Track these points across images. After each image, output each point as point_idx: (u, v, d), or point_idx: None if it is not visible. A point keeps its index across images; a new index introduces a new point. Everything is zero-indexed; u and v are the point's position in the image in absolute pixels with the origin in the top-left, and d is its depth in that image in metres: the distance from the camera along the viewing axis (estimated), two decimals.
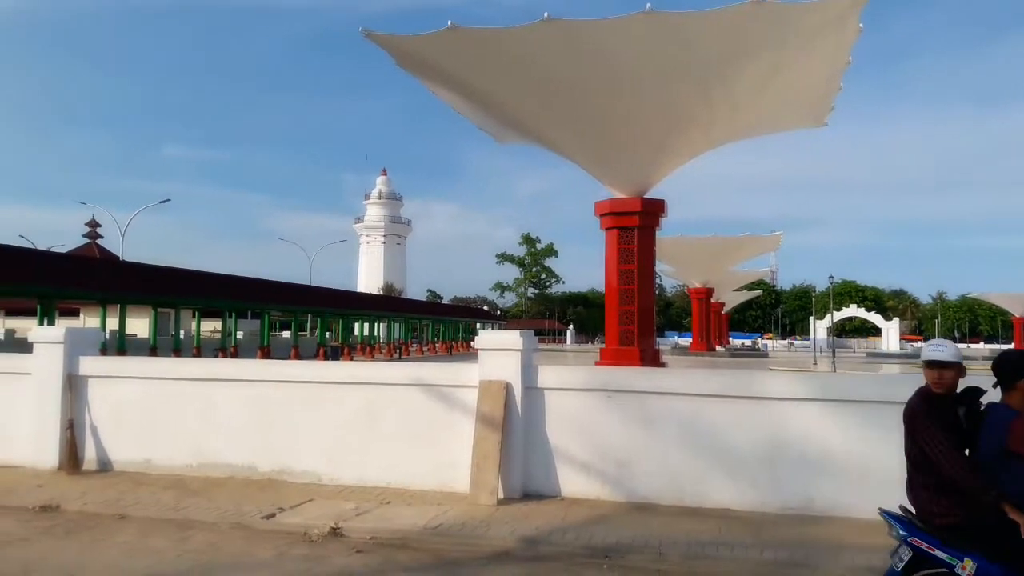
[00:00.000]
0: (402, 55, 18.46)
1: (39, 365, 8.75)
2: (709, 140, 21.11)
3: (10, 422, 8.80)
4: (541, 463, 7.37)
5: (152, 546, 5.89)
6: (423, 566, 5.49)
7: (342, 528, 6.22)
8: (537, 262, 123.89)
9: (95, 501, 7.14)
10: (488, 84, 19.08)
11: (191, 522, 6.53)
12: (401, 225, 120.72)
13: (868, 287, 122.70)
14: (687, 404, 7.09)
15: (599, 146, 20.29)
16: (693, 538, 5.97)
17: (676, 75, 17.36)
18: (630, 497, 7.07)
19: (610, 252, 20.66)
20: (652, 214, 20.73)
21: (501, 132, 23.16)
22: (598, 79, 17.62)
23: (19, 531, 6.30)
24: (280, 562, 5.53)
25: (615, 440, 7.19)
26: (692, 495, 6.96)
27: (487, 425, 7.25)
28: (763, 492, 6.85)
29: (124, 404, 8.62)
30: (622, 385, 7.31)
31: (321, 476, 7.89)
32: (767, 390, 7.03)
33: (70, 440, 8.49)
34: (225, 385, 8.39)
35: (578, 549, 5.76)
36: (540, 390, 7.45)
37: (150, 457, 8.42)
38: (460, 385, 7.67)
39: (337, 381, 8.12)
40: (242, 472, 8.10)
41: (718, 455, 6.96)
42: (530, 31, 16.03)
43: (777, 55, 16.72)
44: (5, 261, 25.32)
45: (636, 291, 20.20)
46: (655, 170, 20.90)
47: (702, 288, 59.20)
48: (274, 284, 42.05)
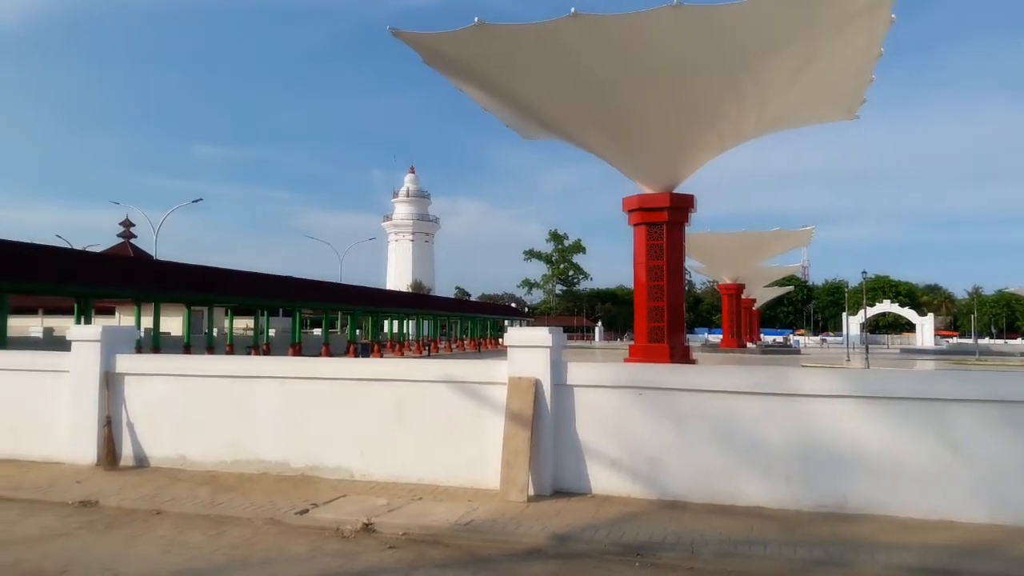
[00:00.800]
0: (429, 53, 18.53)
1: (77, 363, 8.92)
2: (739, 134, 20.92)
3: (50, 419, 8.97)
4: (571, 460, 7.36)
5: (188, 541, 5.98)
6: (455, 562, 5.52)
7: (374, 524, 6.27)
8: (565, 259, 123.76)
9: (132, 497, 7.26)
10: (515, 80, 19.07)
11: (226, 518, 6.61)
12: (429, 223, 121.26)
13: (902, 282, 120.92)
14: (719, 401, 7.04)
15: (627, 141, 20.20)
16: (725, 536, 5.93)
17: (705, 68, 17.22)
18: (661, 495, 7.04)
19: (639, 248, 20.56)
20: (681, 209, 20.60)
21: (527, 128, 23.15)
22: (626, 73, 17.54)
23: (59, 526, 6.43)
24: (314, 558, 5.59)
25: (646, 437, 7.16)
26: (724, 493, 6.91)
27: (517, 422, 7.25)
28: (796, 490, 6.77)
29: (159, 401, 8.76)
30: (653, 382, 7.27)
31: (353, 472, 7.95)
32: (800, 387, 6.95)
33: (107, 437, 8.64)
34: (258, 382, 8.49)
35: (609, 546, 5.75)
36: (569, 387, 7.43)
37: (185, 453, 8.55)
38: (489, 382, 7.68)
39: (368, 378, 8.17)
40: (275, 468, 8.19)
41: (750, 452, 6.90)
42: (557, 26, 16.00)
43: (808, 47, 16.52)
44: (44, 261, 25.86)
45: (665, 287, 20.10)
46: (684, 165, 20.76)
47: (732, 284, 58.73)
48: (305, 282, 42.46)
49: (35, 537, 6.10)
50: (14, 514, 6.81)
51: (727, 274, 58.81)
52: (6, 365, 9.52)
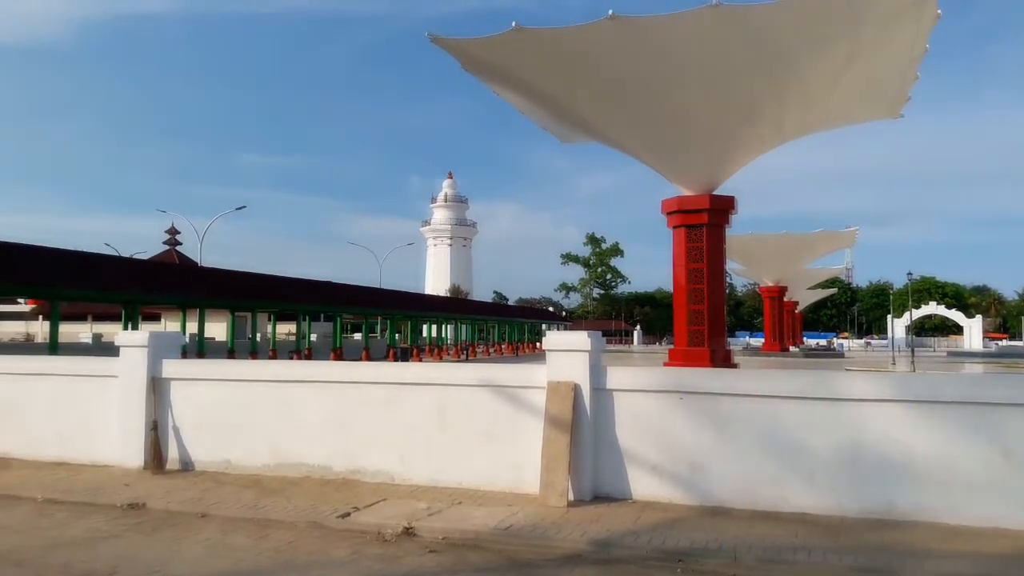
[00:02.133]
0: (468, 59, 18.62)
1: (125, 368, 9.10)
2: (780, 134, 20.65)
3: (99, 423, 9.17)
4: (611, 465, 7.32)
5: (233, 544, 6.07)
6: (495, 567, 5.51)
7: (415, 528, 6.29)
8: (602, 262, 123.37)
9: (178, 500, 7.39)
10: (553, 84, 19.07)
11: (269, 521, 6.69)
12: (467, 227, 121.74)
13: (948, 283, 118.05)
14: (762, 406, 6.94)
15: (666, 143, 20.07)
16: (769, 542, 5.84)
17: (745, 69, 17.04)
18: (703, 500, 6.96)
19: (678, 251, 20.38)
20: (721, 211, 20.37)
21: (565, 132, 23.13)
22: (665, 75, 17.43)
23: (109, 528, 6.57)
24: (356, 561, 5.63)
25: (687, 442, 7.08)
26: (767, 499, 6.81)
27: (556, 426, 7.23)
28: (841, 496, 6.65)
29: (204, 405, 8.90)
30: (694, 386, 7.19)
31: (394, 476, 8.00)
32: (845, 391, 6.82)
33: (154, 441, 8.81)
34: (301, 386, 8.58)
35: (651, 552, 5.70)
36: (609, 391, 7.39)
37: (229, 457, 8.68)
38: (528, 386, 7.67)
39: (408, 382, 8.22)
40: (318, 472, 8.27)
41: (794, 458, 6.79)
42: (595, 30, 15.96)
43: (851, 45, 16.25)
44: (93, 269, 26.51)
45: (706, 290, 19.89)
46: (724, 166, 20.55)
47: (774, 286, 57.96)
48: (346, 287, 42.89)
49: (86, 538, 6.24)
50: (65, 516, 6.98)
51: (769, 276, 58.05)
52: (58, 370, 9.76)
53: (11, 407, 9.66)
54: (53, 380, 9.62)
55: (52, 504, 7.43)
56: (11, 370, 9.97)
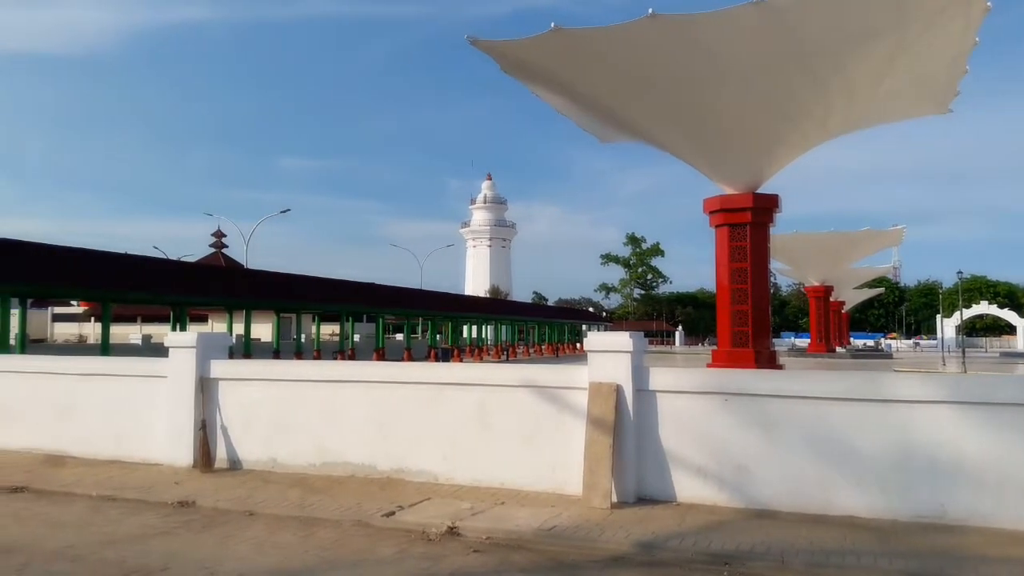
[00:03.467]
0: (507, 60, 18.63)
1: (174, 368, 9.30)
2: (825, 131, 20.28)
3: (149, 422, 9.39)
4: (655, 467, 7.27)
5: (280, 542, 6.16)
6: (539, 568, 5.51)
7: (459, 528, 6.32)
8: (643, 262, 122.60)
9: (226, 498, 7.53)
10: (593, 84, 19.00)
11: (315, 519, 6.78)
12: (506, 228, 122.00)
13: (1001, 282, 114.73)
14: (809, 407, 6.83)
15: (708, 141, 19.86)
16: (817, 546, 5.75)
17: (788, 65, 16.79)
18: (749, 503, 6.87)
19: (721, 250, 20.14)
20: (765, 210, 20.08)
21: (605, 131, 23.00)
22: (707, 73, 17.25)
23: (160, 525, 6.72)
24: (401, 560, 5.67)
25: (733, 444, 7.00)
26: (815, 502, 6.70)
27: (598, 428, 7.21)
28: (892, 499, 6.52)
29: (251, 405, 9.06)
30: (739, 388, 7.11)
31: (437, 476, 8.05)
32: (895, 392, 6.68)
33: (203, 440, 8.98)
34: (346, 387, 8.68)
35: (696, 555, 5.64)
36: (652, 392, 7.34)
37: (276, 456, 8.81)
38: (570, 387, 7.66)
39: (451, 382, 8.26)
40: (362, 471, 8.36)
41: (843, 460, 6.67)
42: (635, 28, 15.86)
43: (897, 39, 15.89)
44: (144, 272, 27.15)
45: (749, 290, 19.62)
46: (767, 164, 20.25)
47: (820, 286, 56.96)
48: (387, 289, 43.30)
49: (138, 535, 6.39)
50: (118, 513, 7.16)
51: (814, 276, 57.05)
52: (110, 371, 10.01)
53: (67, 407, 9.94)
54: (106, 380, 9.88)
55: (106, 501, 7.62)
56: (67, 371, 10.26)
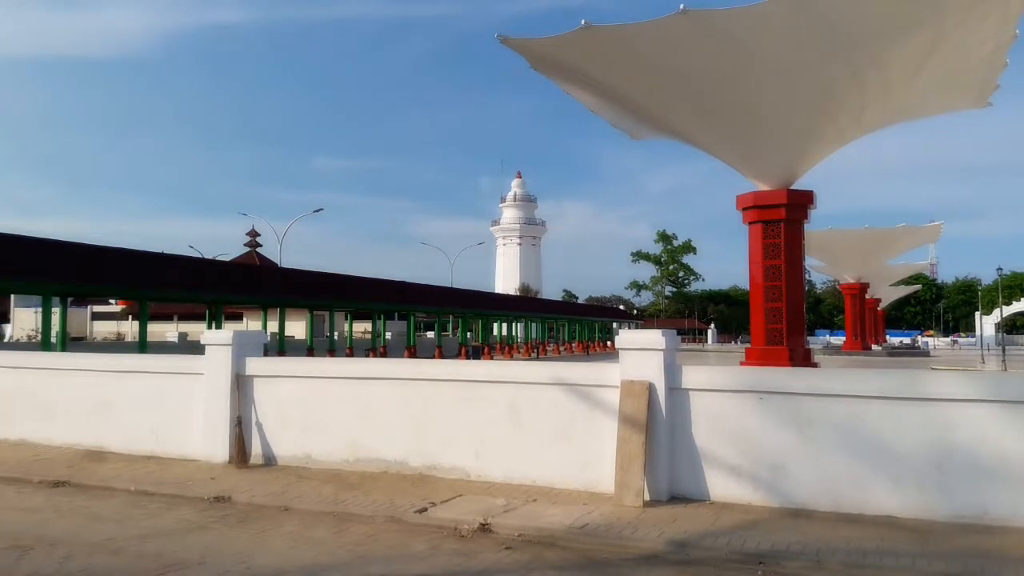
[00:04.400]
0: (537, 58, 18.63)
1: (210, 366, 9.43)
2: (860, 126, 20.00)
3: (186, 418, 9.53)
4: (688, 466, 7.22)
5: (314, 537, 6.22)
6: (572, 565, 5.51)
7: (491, 524, 6.33)
8: (674, 259, 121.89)
9: (262, 493, 7.62)
10: (624, 81, 18.92)
11: (349, 515, 6.84)
12: (536, 226, 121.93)
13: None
14: (845, 406, 6.73)
15: (741, 137, 19.68)
16: (853, 546, 5.67)
17: (822, 59, 16.57)
18: (784, 502, 6.80)
19: (754, 247, 19.96)
20: (799, 206, 19.86)
21: (636, 128, 22.91)
22: (739, 68, 17.10)
23: (197, 519, 6.82)
24: (433, 556, 5.70)
25: (767, 443, 6.93)
26: (851, 501, 6.61)
27: (630, 426, 7.18)
28: (930, 499, 6.40)
29: (286, 402, 9.15)
30: (774, 386, 7.03)
31: (469, 472, 8.07)
32: (933, 391, 6.56)
33: (238, 436, 9.10)
34: (379, 383, 8.74)
35: (730, 554, 5.60)
36: (685, 391, 7.29)
37: (310, 452, 8.90)
38: (602, 385, 7.63)
39: (482, 380, 8.27)
40: (395, 467, 8.41)
41: (880, 459, 6.57)
42: (666, 25, 15.76)
43: (934, 31, 15.62)
44: (180, 271, 27.59)
45: (784, 287, 19.42)
46: (802, 160, 20.02)
47: (855, 283, 56.21)
48: (419, 287, 43.49)
49: (176, 529, 6.49)
50: (156, 507, 7.28)
51: (850, 273, 56.31)
52: (149, 368, 10.18)
53: (106, 403, 10.13)
54: (144, 377, 10.05)
55: (144, 496, 7.75)
56: (106, 368, 10.46)
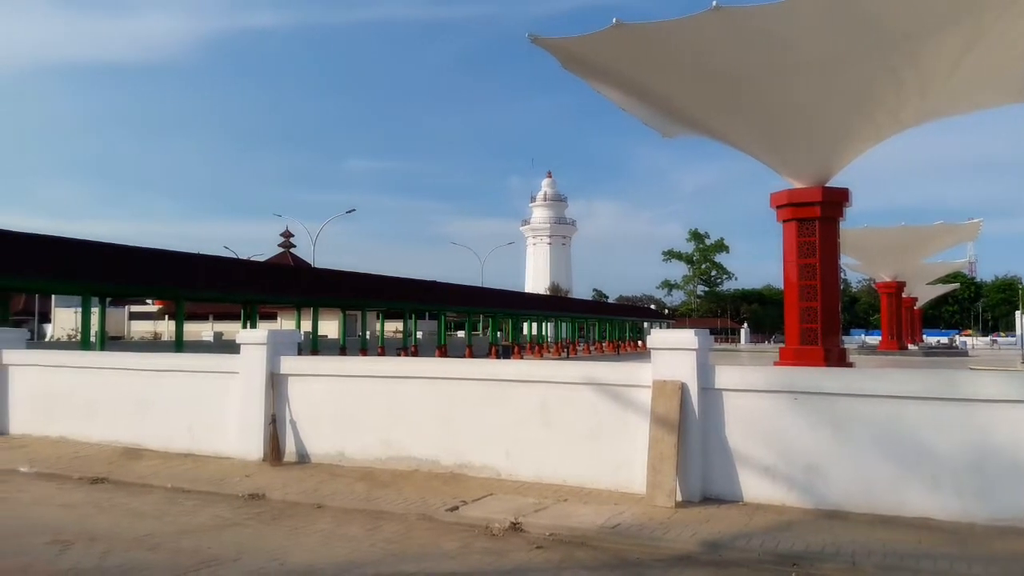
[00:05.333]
0: (567, 57, 18.56)
1: (245, 365, 9.55)
2: (897, 123, 19.65)
3: (221, 417, 9.66)
4: (720, 466, 7.16)
5: (347, 534, 6.27)
6: (603, 565, 5.49)
7: (522, 523, 6.34)
8: (706, 258, 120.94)
9: (295, 491, 7.71)
10: (656, 79, 18.80)
11: (381, 512, 6.89)
12: (566, 226, 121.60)
13: None
14: (882, 406, 6.63)
15: (775, 134, 19.45)
16: (889, 548, 5.58)
17: (858, 55, 16.31)
18: (818, 504, 6.72)
19: (788, 246, 19.72)
20: (835, 204, 19.56)
21: (668, 126, 22.73)
22: (774, 65, 16.89)
23: (232, 516, 6.91)
24: (465, 554, 5.72)
25: (801, 444, 6.85)
26: (887, 503, 6.51)
27: (662, 426, 7.14)
28: (969, 502, 6.29)
29: (319, 400, 9.24)
30: (809, 386, 6.95)
31: (500, 471, 8.09)
32: (973, 391, 6.44)
33: (272, 434, 9.21)
34: (411, 382, 8.79)
35: (764, 555, 5.54)
36: (718, 391, 7.23)
37: (343, 450, 8.98)
38: (633, 385, 7.60)
39: (513, 379, 8.28)
40: (426, 465, 8.45)
41: (917, 461, 6.46)
42: (699, 22, 15.62)
43: (973, 25, 15.28)
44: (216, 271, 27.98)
45: (818, 286, 19.15)
46: (837, 157, 19.73)
47: (891, 282, 55.28)
48: (449, 287, 43.62)
49: (211, 526, 6.59)
50: (193, 504, 7.40)
51: (886, 272, 55.39)
52: (185, 367, 10.35)
53: (144, 401, 10.31)
54: (180, 376, 10.21)
55: (180, 493, 7.88)
56: (144, 367, 10.65)
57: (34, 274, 20.39)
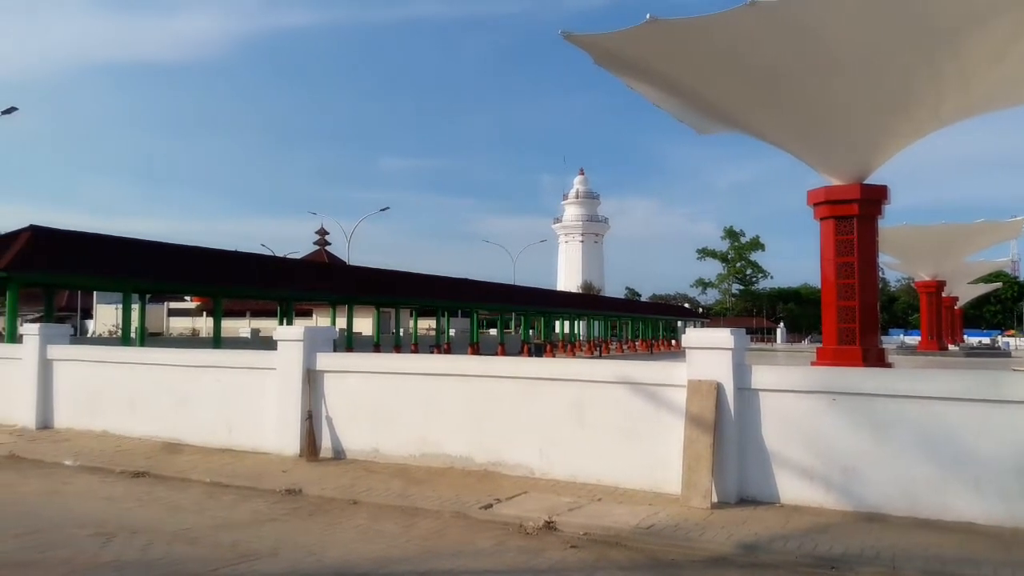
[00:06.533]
0: (601, 53, 18.49)
1: (282, 361, 9.66)
2: (938, 119, 19.27)
3: (259, 412, 9.79)
4: (757, 467, 7.09)
5: (383, 530, 6.33)
6: (639, 566, 5.47)
7: (556, 522, 6.33)
8: (742, 256, 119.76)
9: (331, 487, 7.78)
10: (691, 75, 18.65)
11: (416, 509, 6.93)
12: (598, 223, 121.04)
13: None
14: (923, 408, 6.51)
15: (812, 131, 19.18)
16: (931, 552, 5.49)
17: (897, 50, 16.03)
18: (857, 506, 6.62)
19: (826, 244, 19.44)
20: (873, 201, 19.24)
21: (702, 123, 22.54)
22: (810, 60, 16.67)
23: (269, 511, 7.01)
24: (499, 552, 5.73)
25: (840, 445, 6.76)
26: (929, 506, 6.40)
27: (698, 426, 7.08)
28: (1014, 506, 6.15)
29: (355, 396, 9.32)
30: (848, 387, 6.85)
31: (533, 470, 8.09)
32: (1017, 393, 6.29)
33: (309, 430, 9.30)
34: (444, 380, 8.83)
35: (801, 558, 5.48)
36: (754, 391, 7.15)
37: (378, 447, 9.05)
38: (668, 384, 7.55)
39: (545, 377, 8.27)
40: (460, 463, 8.48)
41: (960, 464, 6.34)
42: (734, 17, 15.46)
43: (1017, 17, 14.93)
44: (253, 269, 28.35)
45: (856, 285, 18.86)
46: (875, 153, 19.40)
47: (931, 281, 54.22)
48: (482, 284, 43.77)
49: (249, 520, 6.68)
50: (231, 499, 7.51)
51: (925, 270, 54.36)
52: (223, 363, 10.50)
53: (183, 397, 10.49)
54: (219, 372, 10.36)
55: (219, 487, 8.00)
56: (183, 363, 10.82)
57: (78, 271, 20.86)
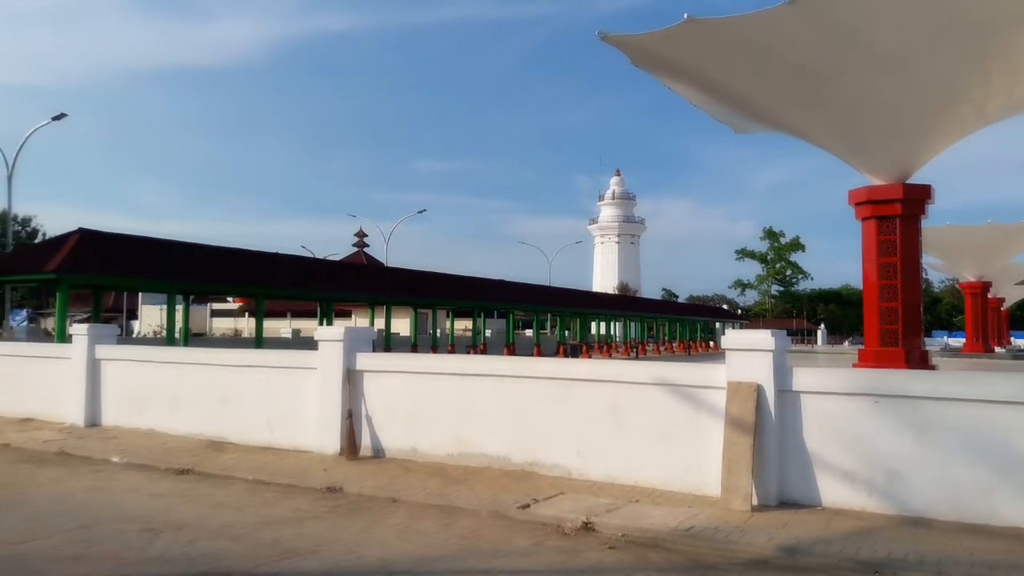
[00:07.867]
0: (638, 54, 18.40)
1: (323, 361, 9.79)
2: (983, 117, 18.83)
3: (300, 411, 9.93)
4: (798, 470, 7.01)
5: (421, 529, 6.38)
6: (677, 568, 5.45)
7: (594, 523, 6.33)
8: (781, 257, 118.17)
9: (371, 485, 7.87)
10: (730, 74, 18.47)
11: (454, 508, 6.98)
12: (635, 224, 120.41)
13: None
14: (970, 411, 6.39)
15: (854, 130, 18.87)
16: (977, 558, 5.38)
17: (941, 48, 15.70)
18: (901, 510, 6.52)
19: (867, 244, 19.11)
20: (916, 201, 18.86)
21: (740, 122, 22.30)
22: (852, 58, 16.41)
23: (311, 509, 7.11)
24: (537, 552, 5.75)
25: (883, 448, 6.66)
26: (975, 511, 6.27)
27: (737, 428, 7.03)
28: None
29: (393, 396, 9.41)
30: (891, 389, 6.74)
31: (570, 470, 8.09)
32: None
33: (349, 429, 9.42)
34: (482, 380, 8.87)
35: (843, 562, 5.41)
36: (795, 393, 7.08)
37: (416, 446, 9.12)
38: (707, 386, 7.50)
39: (583, 378, 8.27)
40: (497, 462, 8.52)
41: (1009, 468, 6.20)
42: (774, 15, 15.27)
43: None
44: (294, 270, 28.78)
45: (899, 286, 18.50)
46: (919, 152, 19.03)
47: (976, 282, 52.96)
48: (518, 285, 43.84)
49: (290, 518, 6.79)
50: (272, 496, 7.63)
51: (970, 271, 53.12)
52: (266, 363, 10.67)
53: (226, 396, 10.68)
54: (261, 372, 10.53)
55: (261, 485, 8.14)
56: (226, 362, 11.03)
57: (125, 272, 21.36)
